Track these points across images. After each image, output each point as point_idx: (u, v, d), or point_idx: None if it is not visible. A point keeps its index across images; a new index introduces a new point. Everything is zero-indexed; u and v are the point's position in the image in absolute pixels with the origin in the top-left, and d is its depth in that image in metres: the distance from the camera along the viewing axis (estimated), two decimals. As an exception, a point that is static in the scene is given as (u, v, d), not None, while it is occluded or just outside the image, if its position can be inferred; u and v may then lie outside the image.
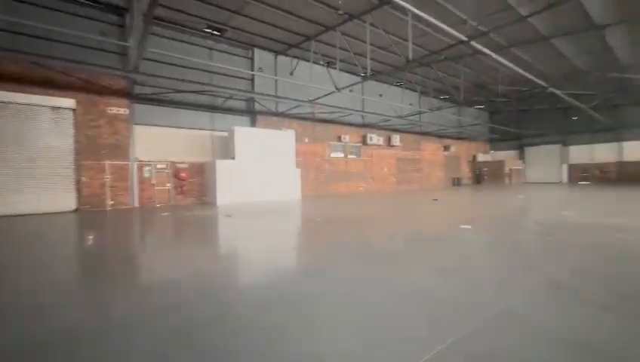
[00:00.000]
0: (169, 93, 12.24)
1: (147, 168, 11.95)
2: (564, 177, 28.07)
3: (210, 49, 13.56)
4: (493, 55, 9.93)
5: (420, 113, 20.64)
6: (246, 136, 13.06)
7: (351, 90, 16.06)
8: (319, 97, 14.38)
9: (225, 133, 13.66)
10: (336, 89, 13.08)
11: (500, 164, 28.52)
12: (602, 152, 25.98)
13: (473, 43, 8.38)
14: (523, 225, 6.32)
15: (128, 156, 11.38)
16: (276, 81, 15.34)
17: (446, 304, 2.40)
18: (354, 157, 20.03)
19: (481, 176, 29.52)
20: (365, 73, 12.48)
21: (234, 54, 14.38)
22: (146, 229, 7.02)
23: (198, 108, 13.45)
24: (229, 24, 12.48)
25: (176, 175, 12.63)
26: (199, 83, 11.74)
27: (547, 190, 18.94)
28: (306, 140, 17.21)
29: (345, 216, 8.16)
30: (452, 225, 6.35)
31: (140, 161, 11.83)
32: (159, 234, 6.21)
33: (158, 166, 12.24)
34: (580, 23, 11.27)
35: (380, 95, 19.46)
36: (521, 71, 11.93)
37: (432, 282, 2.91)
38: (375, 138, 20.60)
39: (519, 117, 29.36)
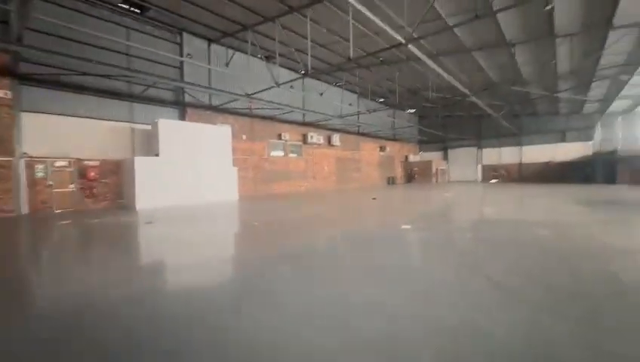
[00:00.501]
0: (72, 74, 10.13)
1: (40, 166, 9.69)
2: (479, 176, 31.97)
3: (128, 28, 11.68)
4: (427, 60, 10.45)
5: (358, 114, 21.18)
6: (173, 130, 11.58)
7: (292, 87, 15.60)
8: (257, 92, 13.55)
9: (148, 127, 11.94)
10: (276, 84, 12.44)
11: (428, 164, 31.14)
12: (507, 155, 30.25)
13: (410, 46, 8.62)
14: (456, 222, 6.64)
15: (12, 150, 9.05)
16: (209, 70, 14.01)
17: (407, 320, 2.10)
18: (295, 156, 19.60)
19: (412, 175, 31.85)
20: (306, 70, 12.11)
21: (159, 37, 12.67)
22: (17, 245, 5.50)
23: (114, 96, 11.48)
24: (152, 2, 10.88)
25: (83, 174, 10.55)
26: (113, 66, 9.92)
27: (467, 187, 21.20)
28: (244, 137, 16.18)
29: (286, 218, 7.66)
30: (393, 225, 6.34)
31: (30, 157, 9.53)
32: (32, 253, 4.86)
33: (57, 163, 10.05)
34: (495, 39, 12.63)
35: (321, 94, 19.38)
36: (447, 76, 12.89)
37: (380, 293, 2.62)
38: (316, 137, 20.48)
39: (444, 122, 32.45)
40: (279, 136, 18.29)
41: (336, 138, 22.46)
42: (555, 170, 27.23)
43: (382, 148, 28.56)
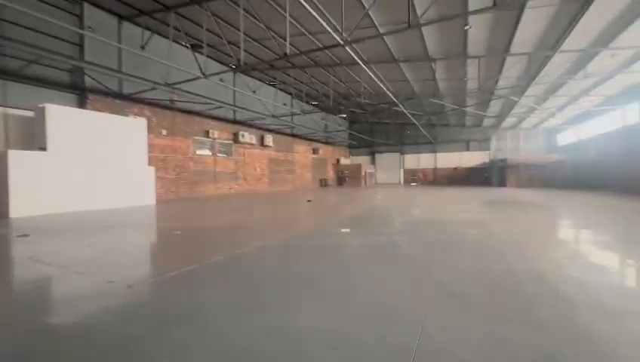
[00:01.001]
0: None
1: None
2: (401, 179, 34.87)
3: (2, -15, 9.07)
4: (361, 64, 10.66)
5: (292, 115, 20.87)
6: (67, 118, 9.40)
7: (221, 80, 14.40)
8: (181, 82, 12.06)
9: (30, 113, 9.47)
10: (203, 75, 11.23)
11: (358, 168, 32.61)
12: (424, 160, 33.69)
13: (347, 48, 8.60)
14: (392, 224, 6.73)
15: None
16: (120, 52, 11.96)
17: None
18: (224, 155, 18.21)
19: (343, 178, 32.95)
20: (238, 64, 11.21)
21: (50, 4, 10.22)
22: None
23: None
24: (38, -44, 8.67)
25: None
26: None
27: (393, 190, 22.78)
28: (164, 133, 14.28)
29: (213, 224, 6.76)
30: (332, 228, 6.10)
31: None
32: None
33: None
34: (420, 53, 13.73)
35: (254, 92, 18.43)
36: (378, 82, 13.49)
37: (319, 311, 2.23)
38: (247, 136, 19.42)
39: (372, 127, 34.53)
40: (207, 134, 16.75)
41: (269, 138, 21.71)
42: (462, 174, 31.40)
43: (315, 151, 28.81)
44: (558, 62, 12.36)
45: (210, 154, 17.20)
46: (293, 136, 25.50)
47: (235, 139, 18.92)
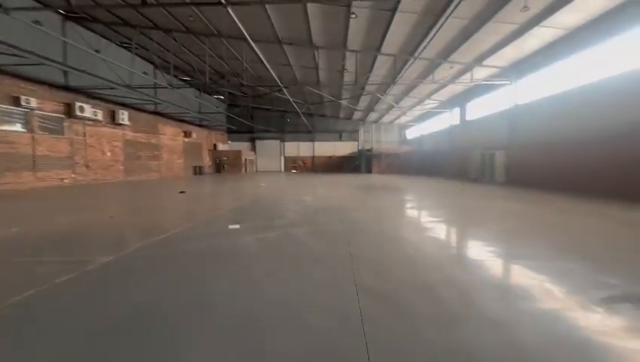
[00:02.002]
0: None
1: None
2: (282, 167, 35.15)
3: None
4: (246, 36, 9.43)
5: (156, 87, 17.21)
6: None
7: (37, 23, 10.20)
8: (-45, 13, 7.69)
9: None
10: (1, 7, 7.45)
11: (237, 154, 30.69)
12: (304, 149, 34.94)
13: (229, 10, 7.25)
14: (284, 215, 6.10)
15: None
16: None
17: None
18: (51, 134, 13.29)
19: (221, 165, 30.39)
20: (67, 4, 7.94)
21: None
22: None
23: None
24: None
25: None
26: None
27: (275, 177, 22.46)
28: None
29: (36, 229, 4.41)
30: (217, 225, 4.96)
31: None
32: None
33: None
34: (304, 39, 13.48)
35: (97, 51, 14.03)
36: (261, 63, 12.52)
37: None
38: (89, 110, 14.84)
39: (253, 113, 33.06)
40: (16, 101, 11.72)
41: (123, 115, 17.33)
42: (336, 162, 34.29)
43: (187, 134, 25.19)
44: (415, 67, 14.54)
45: (25, 130, 12.17)
46: (158, 114, 21.35)
47: (70, 112, 14.11)
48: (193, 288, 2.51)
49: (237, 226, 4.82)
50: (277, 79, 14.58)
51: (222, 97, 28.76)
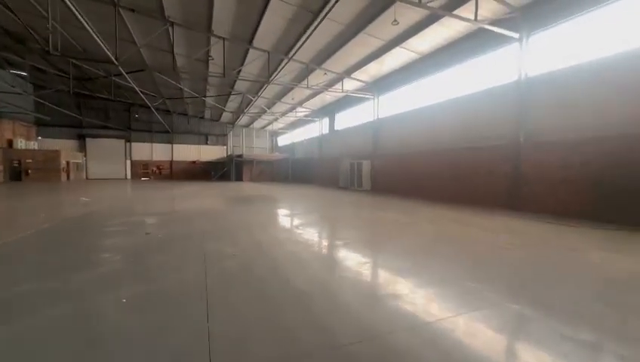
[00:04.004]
0: None
1: None
2: (128, 173, 28.08)
3: None
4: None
5: None
6: None
7: None
8: None
9: None
10: None
11: (53, 155, 22.18)
12: (159, 151, 29.11)
13: None
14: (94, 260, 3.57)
15: None
16: None
17: None
18: None
19: (22, 170, 21.20)
20: None
21: None
22: None
23: None
24: None
25: None
26: None
27: (113, 187, 17.09)
28: None
29: None
30: None
31: None
32: None
33: None
34: (152, 7, 10.35)
35: None
36: (80, 25, 8.70)
37: None
38: None
39: (80, 101, 24.89)
40: None
41: None
42: (201, 168, 30.16)
43: (-52, 121, 16.02)
44: (289, 69, 13.69)
45: None
46: None
47: None
48: None
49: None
50: (110, 55, 10.63)
51: (23, 74, 20.06)
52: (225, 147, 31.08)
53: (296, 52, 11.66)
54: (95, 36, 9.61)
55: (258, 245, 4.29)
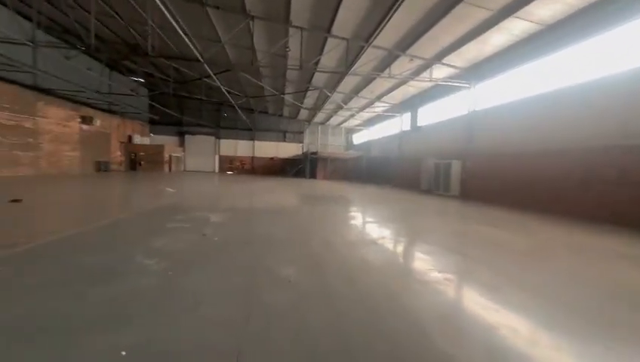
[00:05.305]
0: None
1: None
2: (216, 167, 30.82)
3: None
4: None
5: (30, 45, 12.17)
6: None
7: None
8: None
9: None
10: None
11: (158, 150, 25.65)
12: (243, 148, 31.16)
13: None
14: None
15: None
16: None
17: None
18: None
19: (137, 161, 25.04)
20: None
21: None
22: None
23: None
24: None
25: None
26: None
27: (204, 179, 18.60)
28: None
29: None
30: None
31: None
32: None
33: None
34: (235, 2, 10.39)
35: None
36: (176, 27, 9.10)
37: None
38: None
39: (180, 102, 28.22)
40: None
41: (-33, 82, 11.97)
42: (278, 165, 31.23)
43: (87, 120, 19.71)
44: (370, 56, 12.39)
45: None
46: (39, 90, 15.91)
47: None
48: None
49: None
50: (199, 55, 11.12)
51: (141, 80, 23.57)
52: (301, 144, 31.52)
53: (377, 35, 10.29)
54: (184, 36, 10.04)
55: (326, 267, 3.27)
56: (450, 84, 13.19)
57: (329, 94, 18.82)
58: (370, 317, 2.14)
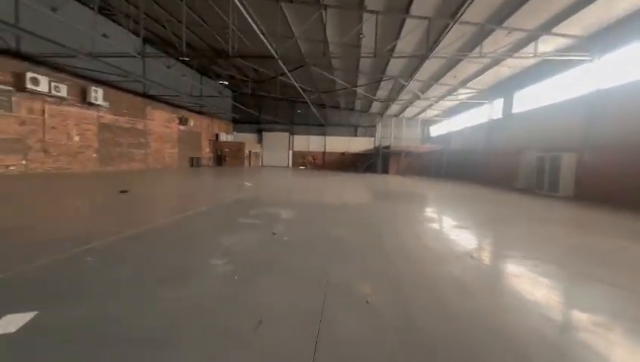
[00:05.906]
0: None
1: None
2: (290, 162, 32.05)
3: None
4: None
5: (141, 58, 14.34)
6: None
7: None
8: None
9: None
10: None
11: (240, 146, 27.83)
12: (315, 143, 31.66)
13: None
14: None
15: None
16: None
17: None
18: (-13, 108, 10.72)
19: (222, 157, 27.66)
20: None
21: None
22: None
23: None
24: None
25: None
26: None
27: (278, 173, 19.42)
28: None
29: None
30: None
31: None
32: None
33: None
34: (307, -7, 10.20)
35: (54, 10, 11.28)
36: (253, 25, 9.35)
37: None
38: (47, 83, 12.18)
39: (259, 102, 30.05)
40: None
41: (98, 93, 14.67)
42: (349, 160, 30.81)
43: (183, 121, 22.48)
44: (456, 34, 10.85)
45: (-54, 102, 9.60)
46: (147, 96, 18.68)
47: (20, 84, 11.51)
48: None
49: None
50: (274, 52, 11.33)
51: (226, 83, 25.82)
52: (372, 138, 30.46)
53: (466, 8, 8.83)
54: (260, 35, 10.29)
55: (409, 287, 2.66)
56: (561, 57, 10.70)
57: (405, 83, 17.43)
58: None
